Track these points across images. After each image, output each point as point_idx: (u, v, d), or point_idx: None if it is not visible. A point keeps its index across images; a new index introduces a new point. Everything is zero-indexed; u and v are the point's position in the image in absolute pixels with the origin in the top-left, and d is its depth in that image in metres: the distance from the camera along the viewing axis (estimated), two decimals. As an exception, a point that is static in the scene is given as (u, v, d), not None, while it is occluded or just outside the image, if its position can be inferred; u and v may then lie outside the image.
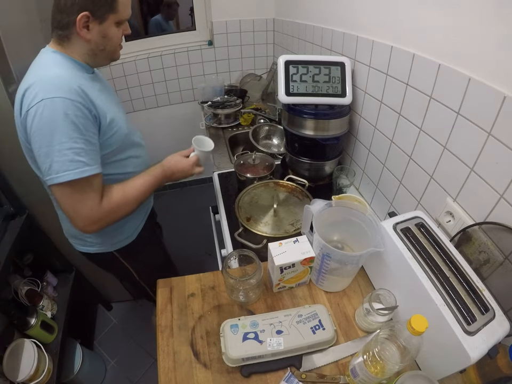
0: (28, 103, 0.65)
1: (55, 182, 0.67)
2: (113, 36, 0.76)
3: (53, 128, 0.64)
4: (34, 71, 0.71)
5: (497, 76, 0.55)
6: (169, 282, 0.80)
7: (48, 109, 0.64)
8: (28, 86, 0.66)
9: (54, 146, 0.65)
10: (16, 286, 1.12)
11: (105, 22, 0.72)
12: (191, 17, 2.03)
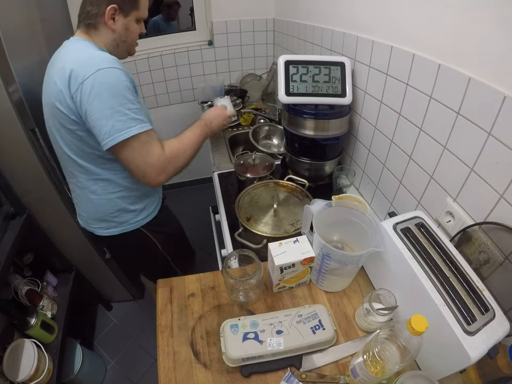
0: (81, 76, 0.69)
1: (121, 139, 0.73)
2: (133, 30, 0.86)
3: (113, 92, 0.71)
4: (73, 55, 0.76)
5: (497, 76, 0.55)
6: (169, 282, 0.80)
7: (105, 77, 0.70)
8: (73, 66, 0.71)
9: (116, 108, 0.71)
10: (16, 286, 1.12)
11: (128, 16, 0.82)
12: (191, 17, 2.03)
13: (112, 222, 0.95)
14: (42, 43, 1.17)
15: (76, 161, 0.83)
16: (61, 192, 1.17)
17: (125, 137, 0.73)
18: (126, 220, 0.96)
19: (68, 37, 0.84)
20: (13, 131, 0.98)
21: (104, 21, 0.80)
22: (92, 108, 0.71)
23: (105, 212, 0.93)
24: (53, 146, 0.89)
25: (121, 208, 0.92)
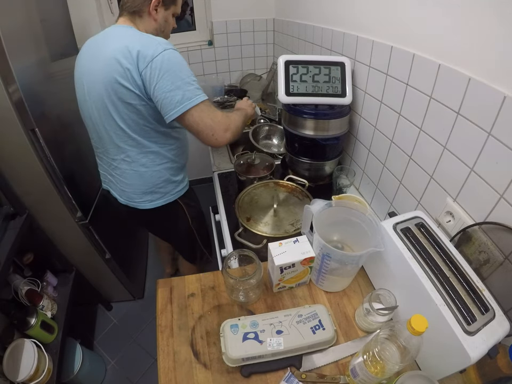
0: (150, 55, 0.79)
1: (192, 105, 0.84)
2: (170, 23, 1.00)
3: (180, 68, 0.83)
4: (134, 38, 0.84)
5: (497, 76, 0.55)
6: (169, 282, 0.80)
7: (172, 55, 0.82)
8: (139, 48, 0.80)
9: (184, 80, 0.83)
10: (16, 286, 1.12)
11: (168, 10, 0.96)
12: (191, 17, 2.03)
13: (157, 193, 1.05)
14: (42, 43, 1.17)
15: (130, 135, 0.92)
16: (61, 192, 1.17)
17: (195, 103, 0.84)
18: (169, 191, 1.07)
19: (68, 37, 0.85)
20: (13, 131, 0.98)
21: (148, 11, 0.91)
22: (162, 82, 0.81)
23: (153, 182, 1.02)
24: (101, 123, 0.94)
25: (166, 179, 1.04)
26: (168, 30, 1.01)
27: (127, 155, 0.97)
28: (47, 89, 1.14)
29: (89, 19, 1.73)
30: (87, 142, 1.10)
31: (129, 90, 0.83)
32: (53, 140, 1.10)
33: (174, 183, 1.07)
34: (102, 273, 1.52)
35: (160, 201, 1.06)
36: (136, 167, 0.99)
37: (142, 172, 1.00)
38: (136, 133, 0.92)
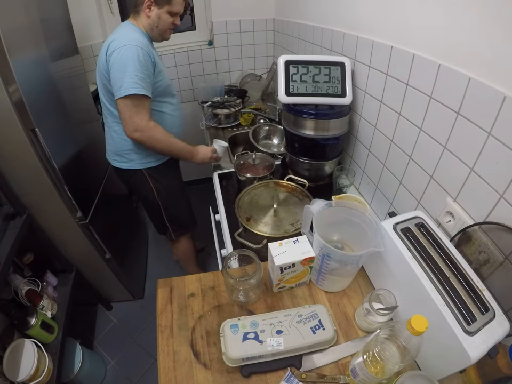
0: (114, 47, 1.01)
1: (123, 95, 1.01)
2: (164, 20, 1.12)
3: (128, 62, 1.00)
4: (119, 33, 1.07)
5: (497, 76, 0.55)
6: (169, 282, 0.80)
7: (128, 50, 1.00)
8: (113, 39, 1.03)
9: (126, 73, 1.00)
10: (16, 286, 1.12)
11: (162, 8, 1.09)
12: (191, 17, 2.03)
13: (124, 157, 1.24)
14: (42, 43, 1.17)
15: (107, 107, 1.16)
16: (61, 192, 1.17)
17: (126, 93, 1.00)
18: (134, 159, 1.23)
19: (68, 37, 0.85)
20: (13, 131, 0.99)
21: (144, 9, 1.09)
22: (113, 69, 1.01)
23: (121, 148, 1.22)
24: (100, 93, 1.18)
25: (131, 148, 1.21)
26: (163, 26, 1.13)
27: (107, 121, 1.21)
28: (47, 89, 1.14)
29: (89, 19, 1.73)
30: (87, 141, 1.10)
31: (105, 70, 1.06)
32: (53, 140, 1.10)
33: (140, 154, 1.23)
34: (102, 273, 1.53)
35: (125, 165, 1.25)
36: (110, 132, 1.23)
37: (114, 136, 1.22)
38: (111, 105, 1.14)
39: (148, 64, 1.04)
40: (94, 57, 1.82)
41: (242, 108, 1.77)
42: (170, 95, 1.24)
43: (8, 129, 0.98)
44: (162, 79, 1.15)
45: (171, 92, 1.24)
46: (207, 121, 1.75)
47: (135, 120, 1.06)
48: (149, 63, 1.05)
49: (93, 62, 1.83)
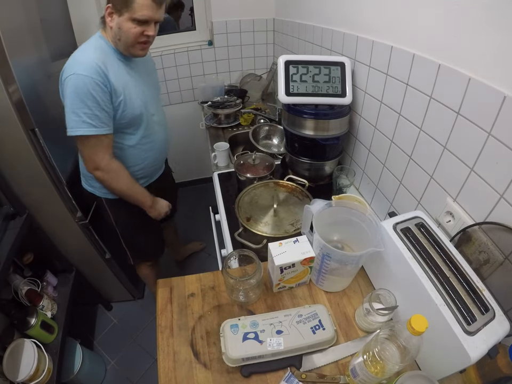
0: (65, 75, 0.87)
1: (70, 134, 0.91)
2: (127, 30, 0.90)
3: (76, 96, 0.87)
4: (77, 51, 0.93)
5: (497, 76, 0.55)
6: (169, 282, 0.80)
7: (74, 81, 0.86)
8: (67, 64, 0.89)
9: (74, 109, 0.88)
10: (16, 286, 1.12)
11: (122, 16, 0.88)
12: (191, 17, 2.03)
13: (88, 181, 1.16)
14: (42, 43, 1.17)
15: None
16: (61, 192, 1.17)
17: (74, 133, 0.90)
18: (95, 186, 1.14)
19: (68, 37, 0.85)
20: (13, 131, 0.99)
21: (106, 17, 0.92)
22: (64, 103, 0.90)
23: (84, 171, 1.12)
24: None
25: (92, 176, 1.07)
26: (126, 38, 0.91)
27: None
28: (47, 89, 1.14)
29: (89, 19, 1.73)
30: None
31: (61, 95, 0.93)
32: (53, 139, 1.10)
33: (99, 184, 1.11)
34: (102, 273, 1.52)
35: (89, 188, 1.17)
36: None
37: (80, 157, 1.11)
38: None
39: (103, 94, 0.89)
40: (94, 57, 1.82)
41: (242, 108, 1.77)
42: (142, 125, 1.06)
43: (8, 129, 0.98)
44: (128, 109, 0.98)
45: (142, 121, 1.05)
46: (207, 121, 1.75)
47: (95, 159, 0.96)
48: (103, 96, 0.89)
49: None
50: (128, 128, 1.03)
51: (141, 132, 1.07)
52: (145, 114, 1.05)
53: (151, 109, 1.09)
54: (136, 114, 1.01)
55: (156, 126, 1.13)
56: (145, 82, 1.08)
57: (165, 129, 1.21)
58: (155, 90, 1.18)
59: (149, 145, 1.12)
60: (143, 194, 1.13)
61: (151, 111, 1.09)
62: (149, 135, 1.11)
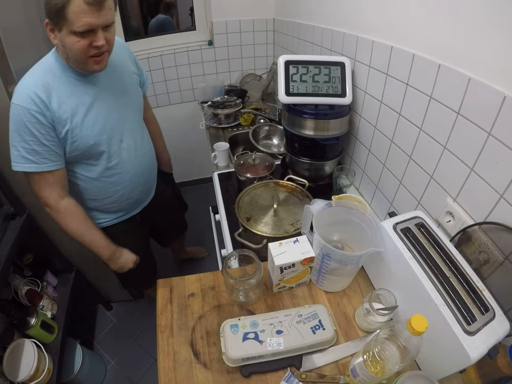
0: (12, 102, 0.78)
1: (13, 169, 0.82)
2: (71, 46, 0.75)
3: (14, 128, 0.79)
4: (26, 74, 0.82)
5: (497, 76, 0.55)
6: (169, 282, 0.80)
7: (12, 112, 0.78)
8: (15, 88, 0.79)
9: (13, 142, 0.80)
10: (16, 286, 1.12)
11: (62, 30, 0.73)
12: (191, 17, 2.03)
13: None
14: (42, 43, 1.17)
15: None
16: (61, 192, 1.17)
17: (14, 168, 0.82)
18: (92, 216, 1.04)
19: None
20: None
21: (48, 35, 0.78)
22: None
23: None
24: None
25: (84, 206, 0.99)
26: (74, 54, 0.77)
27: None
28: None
29: (89, 19, 1.73)
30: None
31: None
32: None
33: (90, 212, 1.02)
34: (102, 273, 1.52)
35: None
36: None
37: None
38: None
39: (41, 126, 0.78)
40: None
41: (242, 108, 1.77)
42: (104, 156, 0.92)
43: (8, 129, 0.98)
44: (79, 140, 0.85)
45: (101, 151, 0.91)
46: (207, 121, 1.75)
47: (42, 195, 0.87)
48: (40, 128, 0.78)
49: (93, 62, 1.83)
50: (86, 159, 0.91)
51: (102, 162, 0.93)
52: (107, 143, 0.91)
53: (119, 135, 0.94)
54: (90, 144, 0.88)
55: (125, 154, 0.97)
56: (113, 100, 0.93)
57: (143, 157, 1.05)
58: (131, 108, 1.00)
59: (116, 177, 0.97)
60: (99, 244, 0.99)
61: (119, 137, 0.94)
62: (115, 166, 0.96)
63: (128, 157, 0.98)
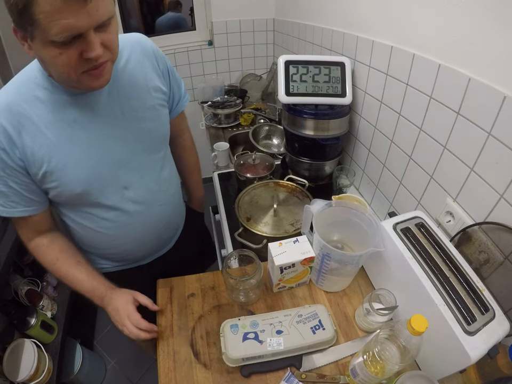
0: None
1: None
2: (51, 61, 0.51)
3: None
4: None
5: (497, 76, 0.55)
6: (169, 282, 0.80)
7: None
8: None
9: None
10: (16, 286, 1.12)
11: (34, 39, 0.49)
12: (191, 17, 2.03)
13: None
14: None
15: None
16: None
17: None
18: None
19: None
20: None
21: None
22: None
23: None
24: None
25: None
26: (57, 73, 0.53)
27: None
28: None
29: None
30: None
31: None
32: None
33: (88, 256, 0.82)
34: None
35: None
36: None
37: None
38: None
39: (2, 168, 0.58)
40: (94, 57, 1.82)
41: (242, 108, 1.77)
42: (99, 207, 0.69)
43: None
44: (62, 186, 0.62)
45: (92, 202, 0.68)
46: (207, 121, 1.75)
47: (20, 233, 0.71)
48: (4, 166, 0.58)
49: (93, 62, 1.83)
50: (77, 206, 0.70)
51: (97, 211, 0.71)
52: (99, 192, 0.67)
53: (122, 181, 0.69)
54: (77, 193, 0.64)
55: (131, 206, 0.72)
56: (117, 132, 0.66)
57: (161, 207, 0.79)
58: (145, 143, 0.72)
59: (117, 230, 0.74)
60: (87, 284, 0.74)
61: (121, 184, 0.69)
62: (115, 219, 0.72)
63: (135, 210, 0.73)
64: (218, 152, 1.35)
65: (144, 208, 0.75)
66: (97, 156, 0.64)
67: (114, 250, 0.80)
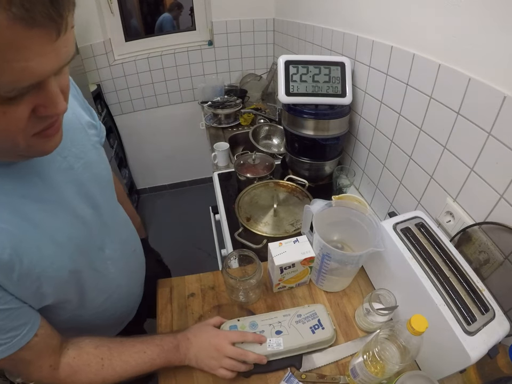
0: None
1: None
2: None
3: None
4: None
5: (497, 76, 0.55)
6: (169, 282, 0.80)
7: None
8: None
9: None
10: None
11: None
12: (191, 17, 2.03)
13: None
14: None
15: None
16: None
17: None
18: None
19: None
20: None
21: None
22: None
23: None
24: None
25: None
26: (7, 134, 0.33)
27: None
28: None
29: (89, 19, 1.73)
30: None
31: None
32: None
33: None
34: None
35: None
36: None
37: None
38: None
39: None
40: (94, 57, 1.82)
41: (242, 108, 1.77)
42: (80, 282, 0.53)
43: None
44: (41, 285, 0.45)
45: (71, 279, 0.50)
46: (207, 121, 1.75)
47: (32, 373, 0.49)
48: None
49: (92, 62, 1.83)
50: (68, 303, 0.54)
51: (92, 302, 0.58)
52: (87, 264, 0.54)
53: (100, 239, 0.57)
54: (62, 296, 0.51)
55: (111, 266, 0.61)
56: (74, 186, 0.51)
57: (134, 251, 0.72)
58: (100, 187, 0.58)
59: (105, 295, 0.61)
60: (153, 349, 0.58)
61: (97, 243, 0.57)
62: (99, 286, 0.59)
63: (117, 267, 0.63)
64: (218, 152, 1.35)
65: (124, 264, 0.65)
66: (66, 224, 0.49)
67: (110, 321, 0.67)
